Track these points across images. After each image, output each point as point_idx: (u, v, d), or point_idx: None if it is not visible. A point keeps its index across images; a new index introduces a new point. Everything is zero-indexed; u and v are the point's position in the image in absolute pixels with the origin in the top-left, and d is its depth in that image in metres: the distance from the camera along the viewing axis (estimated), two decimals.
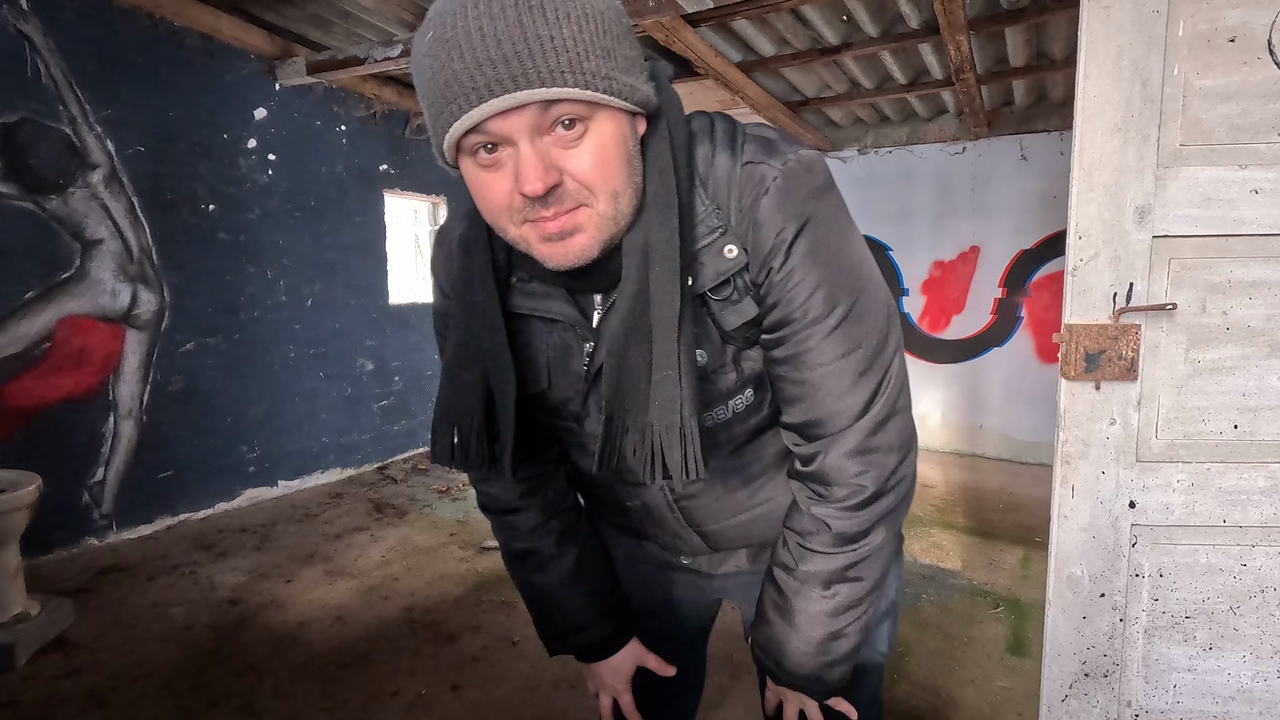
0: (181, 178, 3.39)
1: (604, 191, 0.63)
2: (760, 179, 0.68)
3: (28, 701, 1.97)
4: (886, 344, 0.73)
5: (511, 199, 0.62)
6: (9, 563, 2.20)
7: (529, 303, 0.76)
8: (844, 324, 0.70)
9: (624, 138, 0.63)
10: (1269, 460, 1.37)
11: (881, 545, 0.78)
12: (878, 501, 0.75)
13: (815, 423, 0.74)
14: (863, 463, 0.74)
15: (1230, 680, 1.46)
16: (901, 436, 0.75)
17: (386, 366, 4.67)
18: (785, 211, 0.67)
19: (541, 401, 0.82)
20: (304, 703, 1.99)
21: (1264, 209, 1.31)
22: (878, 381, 0.73)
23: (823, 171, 0.71)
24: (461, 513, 3.67)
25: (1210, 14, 1.29)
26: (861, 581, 0.79)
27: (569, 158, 0.60)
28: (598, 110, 0.60)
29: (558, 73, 0.56)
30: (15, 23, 2.79)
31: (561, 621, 0.96)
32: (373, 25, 3.58)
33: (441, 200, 5.13)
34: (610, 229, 0.65)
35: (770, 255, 0.68)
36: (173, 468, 3.43)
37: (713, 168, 0.70)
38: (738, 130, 0.72)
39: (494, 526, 0.97)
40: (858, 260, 0.72)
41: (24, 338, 2.88)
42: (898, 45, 3.59)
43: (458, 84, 0.56)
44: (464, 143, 0.61)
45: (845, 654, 0.82)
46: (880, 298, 0.73)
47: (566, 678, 2.12)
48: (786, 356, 0.72)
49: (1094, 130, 1.34)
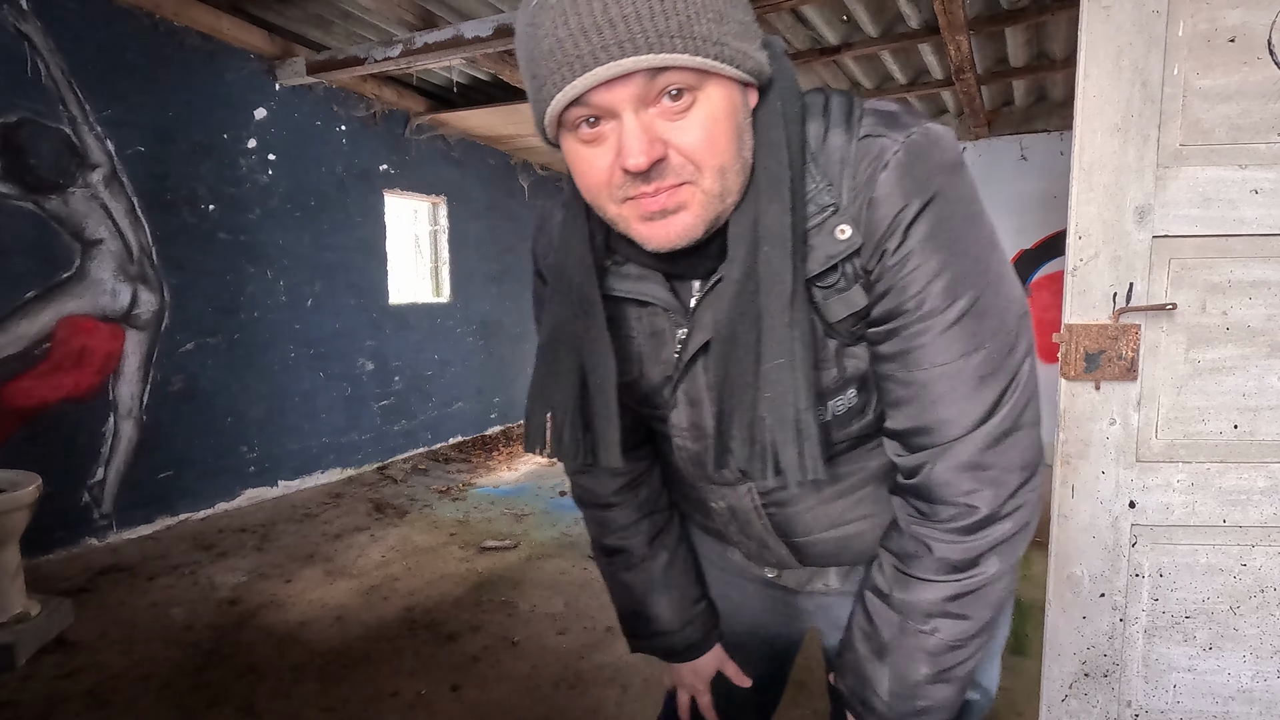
0: (181, 178, 3.39)
1: (711, 167, 0.58)
2: (879, 152, 0.61)
3: (28, 701, 1.97)
4: (1016, 347, 0.64)
5: (612, 175, 0.58)
6: (9, 563, 2.20)
7: (623, 285, 0.71)
8: (965, 319, 0.62)
9: (734, 109, 0.59)
10: (1269, 460, 1.37)
11: (994, 579, 0.67)
12: (991, 527, 0.66)
13: (922, 430, 0.66)
14: (976, 480, 0.65)
15: (1230, 680, 1.46)
16: (1025, 456, 0.66)
17: (386, 366, 4.67)
18: (906, 188, 0.60)
19: (632, 390, 0.77)
20: (304, 703, 1.99)
21: (1264, 209, 1.31)
22: (1002, 388, 0.64)
23: (952, 148, 0.63)
24: (461, 513, 3.67)
25: (1210, 14, 1.29)
26: (967, 620, 0.68)
27: (675, 130, 0.56)
28: (708, 79, 0.56)
29: (666, 37, 0.52)
30: (15, 23, 2.79)
31: (647, 624, 0.93)
32: (373, 25, 3.59)
33: (441, 200, 5.13)
34: (716, 208, 0.60)
35: (886, 236, 0.61)
36: (173, 468, 3.43)
37: (825, 143, 0.64)
38: (855, 105, 0.65)
39: (586, 519, 0.95)
40: (987, 249, 0.63)
41: (24, 338, 2.88)
42: (898, 45, 3.59)
43: (560, 52, 0.53)
44: (566, 117, 0.57)
45: (943, 702, 0.71)
46: (1012, 294, 0.65)
47: (566, 678, 2.12)
48: (895, 353, 0.64)
49: (1094, 130, 1.34)
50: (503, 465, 4.69)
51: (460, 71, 4.23)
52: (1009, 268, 0.66)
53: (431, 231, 5.27)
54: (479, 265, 5.51)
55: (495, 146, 5.49)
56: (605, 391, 0.69)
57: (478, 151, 5.41)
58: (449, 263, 5.24)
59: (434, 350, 5.08)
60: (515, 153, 5.71)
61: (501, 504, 3.83)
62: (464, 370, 5.38)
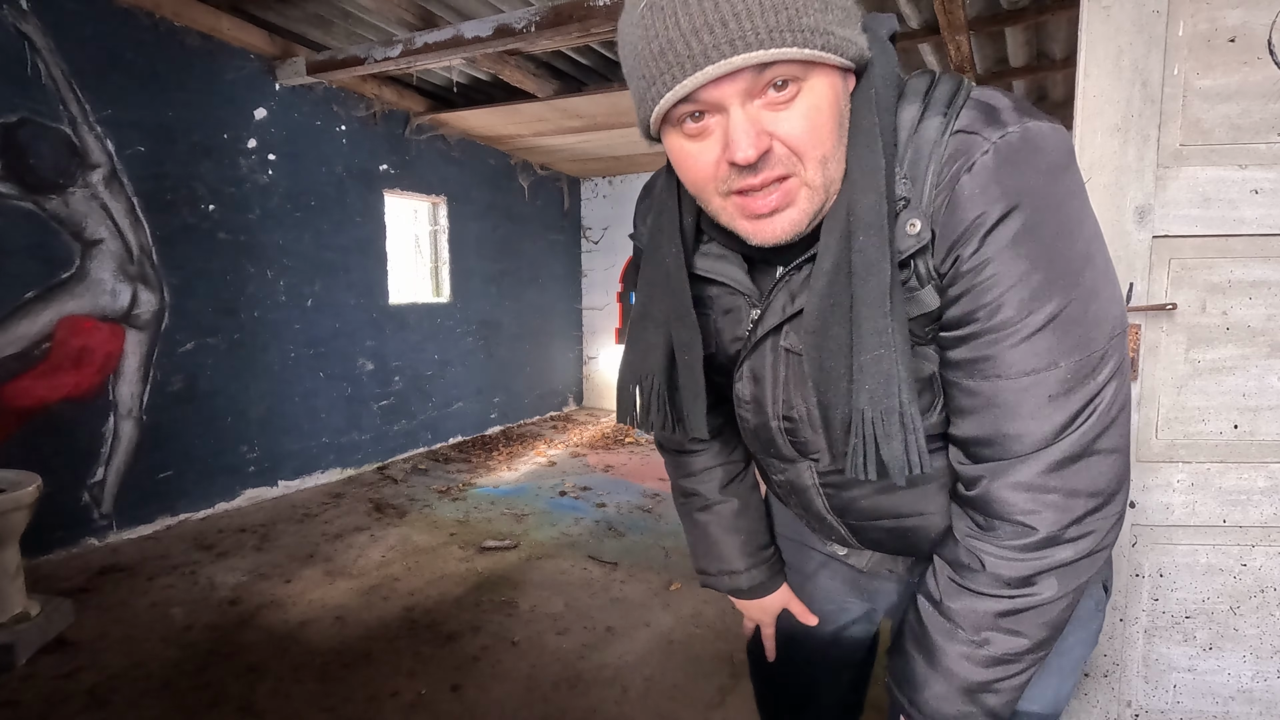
0: (181, 178, 3.39)
1: (813, 158, 0.58)
2: (967, 151, 0.59)
3: (28, 701, 1.97)
4: (1100, 368, 0.61)
5: (718, 168, 0.59)
6: (9, 563, 2.20)
7: (704, 264, 0.74)
8: (1043, 333, 0.59)
9: (837, 97, 0.59)
10: (1269, 460, 1.37)
11: (1051, 601, 0.65)
12: (1049, 549, 0.64)
13: (985, 441, 0.64)
14: (1035, 501, 0.63)
15: (1230, 680, 1.46)
16: (1099, 483, 0.62)
17: (386, 366, 4.67)
18: (990, 193, 0.58)
19: (709, 361, 0.79)
20: (304, 703, 1.99)
21: (1264, 209, 1.31)
22: (1076, 410, 0.61)
23: (1055, 149, 0.59)
24: (461, 513, 3.67)
25: (1210, 14, 1.29)
26: (1019, 637, 0.67)
27: (780, 120, 0.57)
28: (812, 69, 0.56)
29: (776, 32, 0.53)
30: (15, 23, 2.79)
31: (716, 562, 0.98)
32: (373, 25, 3.59)
33: (441, 200, 5.13)
34: (820, 199, 0.61)
35: (961, 241, 0.59)
36: (173, 468, 3.43)
37: (917, 133, 0.62)
38: (960, 93, 0.63)
39: (665, 462, 1.00)
40: (1079, 261, 0.60)
41: (24, 338, 2.88)
42: (898, 45, 3.59)
43: (672, 52, 0.54)
44: (672, 113, 0.58)
45: (990, 710, 0.70)
46: (1105, 312, 0.61)
47: (566, 678, 2.12)
48: (965, 360, 0.63)
49: (1094, 130, 1.34)
50: (503, 465, 4.69)
51: (460, 71, 4.23)
52: (1109, 282, 0.62)
53: (431, 231, 5.27)
54: (479, 265, 5.51)
55: (495, 146, 5.49)
56: (693, 367, 0.72)
57: (478, 151, 5.41)
58: (449, 263, 5.24)
59: (434, 350, 5.08)
60: (515, 153, 5.71)
61: (501, 504, 3.83)
62: (464, 370, 5.38)
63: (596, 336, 6.88)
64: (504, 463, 4.75)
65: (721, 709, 1.97)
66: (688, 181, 0.63)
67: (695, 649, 2.29)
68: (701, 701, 2.01)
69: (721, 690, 2.06)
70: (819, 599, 0.98)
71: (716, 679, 2.11)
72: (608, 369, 6.82)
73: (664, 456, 1.01)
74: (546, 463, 4.75)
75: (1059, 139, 0.60)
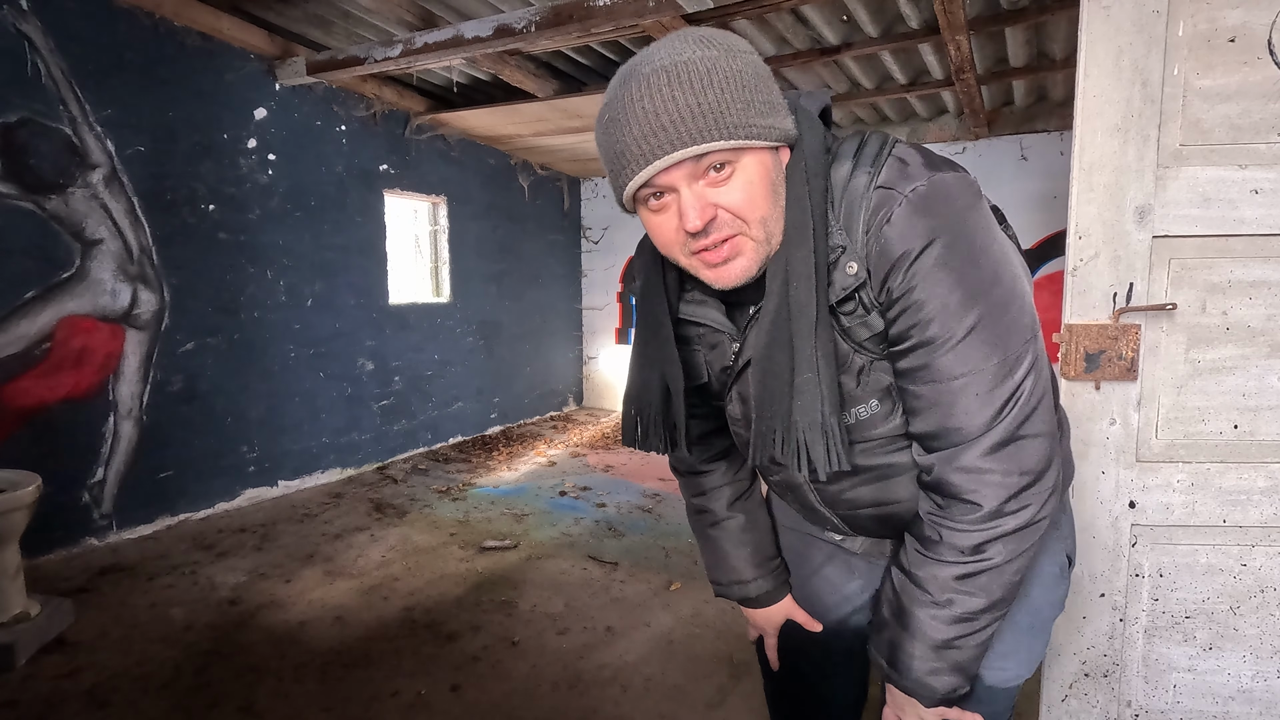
0: (181, 178, 3.39)
1: (754, 220, 0.74)
2: (887, 204, 0.73)
3: (28, 701, 1.97)
4: (1016, 367, 0.74)
5: (679, 234, 0.75)
6: (9, 563, 2.20)
7: (689, 309, 0.90)
8: (966, 341, 0.72)
9: (768, 170, 0.74)
10: (1269, 460, 1.37)
11: (1002, 564, 0.77)
12: (995, 521, 0.76)
13: (933, 435, 0.77)
14: (977, 481, 0.75)
15: (1230, 680, 1.46)
16: (1028, 463, 0.75)
17: (386, 366, 4.67)
18: (906, 236, 0.72)
19: (705, 390, 0.97)
20: (304, 703, 1.99)
21: (1264, 209, 1.31)
22: (1000, 405, 0.74)
23: (959, 194, 0.73)
24: (461, 513, 3.67)
25: (1210, 14, 1.29)
26: (976, 597, 0.79)
27: (722, 194, 0.73)
28: (743, 152, 0.72)
29: (705, 131, 0.69)
30: (15, 23, 2.79)
31: (727, 573, 1.09)
32: (373, 25, 3.59)
33: (441, 200, 5.13)
34: (765, 250, 0.76)
35: (890, 274, 0.73)
36: (173, 468, 3.43)
37: (847, 190, 0.76)
38: (882, 150, 0.77)
39: (680, 484, 1.13)
40: (988, 281, 0.73)
41: (24, 338, 2.88)
42: (898, 45, 3.59)
43: (628, 154, 0.71)
44: (638, 195, 0.75)
45: (957, 664, 0.82)
46: (1017, 321, 0.74)
47: (566, 678, 2.12)
48: (909, 369, 0.77)
49: (1094, 130, 1.34)
50: (503, 465, 4.69)
51: (460, 71, 4.23)
52: (1016, 295, 0.75)
53: (431, 231, 5.27)
54: (479, 265, 5.51)
55: (495, 146, 5.49)
56: (678, 397, 0.89)
57: (478, 151, 5.41)
58: (449, 263, 5.24)
59: (434, 350, 5.08)
60: (515, 153, 5.71)
61: (501, 504, 3.83)
62: (464, 370, 5.38)
63: (596, 336, 6.87)
64: (504, 463, 4.75)
65: (721, 709, 1.97)
66: (659, 245, 0.79)
67: (695, 649, 2.29)
68: (701, 701, 2.01)
69: (721, 690, 2.06)
70: (825, 591, 1.08)
71: (716, 679, 2.11)
72: (608, 369, 6.82)
73: (679, 479, 1.13)
74: (546, 463, 4.75)
75: (962, 184, 0.74)
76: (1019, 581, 0.80)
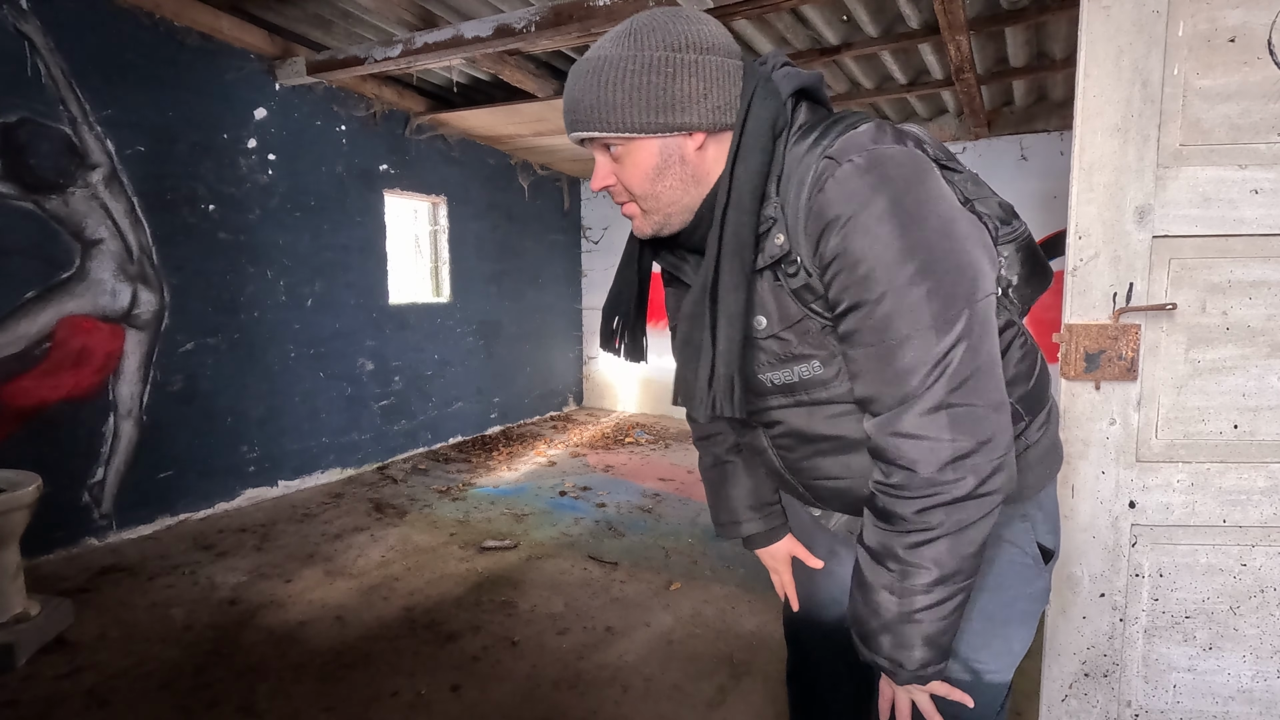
0: (181, 178, 3.39)
1: (640, 195, 0.86)
2: (827, 170, 0.76)
3: (28, 701, 1.97)
4: (944, 336, 0.74)
5: None
6: (9, 563, 2.20)
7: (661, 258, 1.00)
8: (892, 314, 0.74)
9: (653, 158, 0.83)
10: (1269, 460, 1.37)
11: (941, 534, 0.77)
12: (933, 489, 0.76)
13: (868, 399, 0.80)
14: (911, 446, 0.76)
15: (1230, 680, 1.46)
16: (959, 431, 0.75)
17: (386, 366, 4.67)
18: (841, 200, 0.75)
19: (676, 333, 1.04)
20: (304, 703, 1.99)
21: (1264, 209, 1.31)
22: (926, 372, 0.75)
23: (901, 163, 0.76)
24: (461, 513, 3.67)
25: (1210, 14, 1.29)
26: (926, 568, 0.79)
27: (619, 170, 0.86)
28: (630, 141, 0.82)
29: (590, 123, 0.82)
30: (15, 23, 2.79)
31: (725, 514, 1.16)
32: (373, 25, 3.58)
33: (441, 200, 5.13)
34: (656, 219, 0.88)
35: (824, 236, 0.77)
36: (173, 468, 3.43)
37: (800, 163, 0.80)
38: (835, 126, 0.80)
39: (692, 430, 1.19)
40: (918, 250, 0.73)
41: (24, 338, 2.87)
42: (898, 45, 3.59)
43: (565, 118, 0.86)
44: None
45: (926, 638, 0.81)
46: (949, 292, 0.74)
47: (566, 678, 2.12)
48: (846, 333, 0.80)
49: (1094, 130, 1.34)
50: (503, 465, 4.69)
51: (460, 71, 4.23)
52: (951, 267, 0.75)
53: (431, 231, 5.27)
54: (479, 265, 5.51)
55: (495, 146, 5.49)
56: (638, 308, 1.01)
57: (478, 151, 5.41)
58: (449, 263, 5.24)
59: (434, 350, 5.08)
60: (515, 153, 5.71)
61: (501, 504, 3.83)
62: (464, 370, 5.38)
63: (596, 336, 6.85)
64: (504, 463, 4.75)
65: (721, 709, 1.97)
66: None
67: (695, 649, 2.29)
68: (701, 701, 2.01)
69: (721, 690, 2.06)
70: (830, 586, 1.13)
71: (716, 679, 2.11)
72: (608, 369, 6.82)
73: (691, 427, 1.19)
74: (546, 463, 4.75)
75: (906, 155, 0.77)
76: (974, 556, 0.80)
